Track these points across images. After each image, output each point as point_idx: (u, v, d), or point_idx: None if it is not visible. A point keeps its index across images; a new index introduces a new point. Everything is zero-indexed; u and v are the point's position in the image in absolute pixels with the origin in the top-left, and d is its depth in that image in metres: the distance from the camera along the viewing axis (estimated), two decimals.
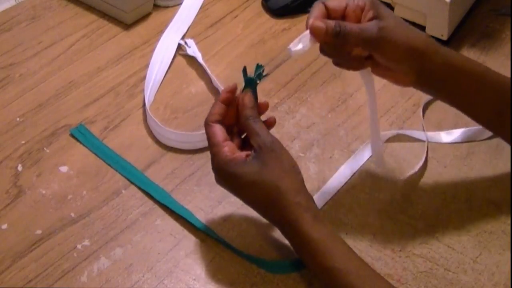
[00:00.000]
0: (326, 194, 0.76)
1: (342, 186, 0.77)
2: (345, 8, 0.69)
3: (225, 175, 0.66)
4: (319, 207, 0.74)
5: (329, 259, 0.62)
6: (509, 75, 0.90)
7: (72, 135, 0.82)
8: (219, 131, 0.67)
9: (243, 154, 0.65)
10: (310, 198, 0.65)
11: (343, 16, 0.69)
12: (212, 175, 0.76)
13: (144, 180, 0.77)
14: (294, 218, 0.63)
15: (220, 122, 0.68)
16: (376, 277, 0.63)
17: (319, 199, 0.75)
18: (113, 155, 0.80)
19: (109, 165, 0.79)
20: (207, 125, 0.67)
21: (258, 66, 0.69)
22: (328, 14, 0.68)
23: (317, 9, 0.68)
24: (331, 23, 0.66)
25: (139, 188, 0.77)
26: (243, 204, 0.72)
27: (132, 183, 0.77)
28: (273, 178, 0.64)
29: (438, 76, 0.69)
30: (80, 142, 0.81)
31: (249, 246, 0.71)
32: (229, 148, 0.66)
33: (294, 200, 0.63)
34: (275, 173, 0.64)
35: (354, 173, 0.78)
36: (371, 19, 0.67)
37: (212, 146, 0.66)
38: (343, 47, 0.70)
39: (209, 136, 0.67)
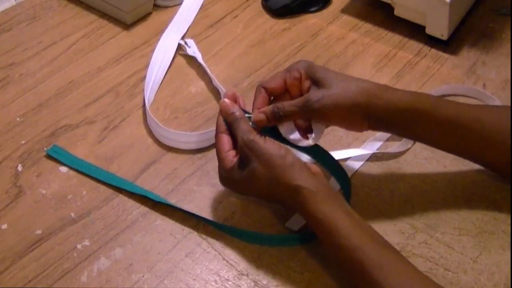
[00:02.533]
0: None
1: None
2: (284, 83, 0.73)
3: (227, 182, 0.71)
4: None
5: (335, 237, 0.63)
6: (509, 75, 0.90)
7: (49, 155, 0.80)
8: (224, 141, 0.70)
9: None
10: (308, 177, 0.66)
11: (285, 91, 0.73)
12: (212, 175, 0.77)
13: (133, 187, 0.77)
14: (300, 200, 0.65)
15: (227, 131, 0.71)
16: (385, 249, 0.64)
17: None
18: (94, 168, 0.79)
19: (93, 178, 0.78)
20: (215, 136, 0.71)
21: None
22: (271, 93, 0.73)
23: (258, 97, 0.73)
24: (269, 108, 0.71)
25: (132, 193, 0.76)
26: (243, 204, 0.73)
27: (122, 190, 0.77)
28: (265, 172, 0.66)
29: (385, 121, 0.70)
30: (59, 162, 0.80)
31: (248, 245, 0.71)
32: (231, 156, 0.69)
33: (294, 184, 0.65)
34: (264, 168, 0.66)
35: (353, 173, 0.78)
36: (308, 89, 0.71)
37: (218, 156, 0.71)
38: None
39: (216, 146, 0.71)
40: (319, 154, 0.75)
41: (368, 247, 0.62)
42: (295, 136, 0.73)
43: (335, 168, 0.76)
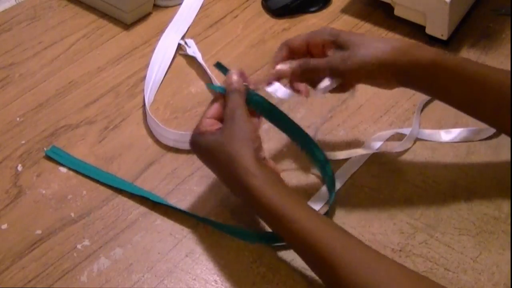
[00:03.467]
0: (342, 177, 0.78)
1: (337, 184, 0.77)
2: (307, 45, 0.74)
3: (194, 145, 0.71)
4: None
5: (282, 221, 0.63)
6: (509, 75, 0.90)
7: (48, 156, 0.80)
8: (212, 107, 0.71)
9: (216, 127, 0.69)
10: (260, 166, 0.66)
11: (307, 53, 0.74)
12: (212, 175, 0.76)
13: (132, 187, 0.77)
14: (246, 185, 0.65)
15: (222, 102, 0.71)
16: (336, 230, 0.64)
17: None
18: (93, 169, 0.79)
19: (92, 178, 0.78)
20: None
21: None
22: (293, 52, 0.74)
23: (279, 54, 0.74)
24: (297, 61, 0.72)
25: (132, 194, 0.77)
26: (242, 204, 0.73)
27: (121, 191, 0.77)
28: (227, 146, 0.66)
29: (412, 77, 0.71)
30: (58, 163, 0.80)
31: (248, 245, 0.71)
32: (208, 122, 0.69)
33: (245, 167, 0.65)
34: (229, 141, 0.66)
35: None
36: (333, 53, 0.72)
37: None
38: (313, 79, 0.74)
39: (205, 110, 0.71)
40: (297, 134, 0.76)
41: (319, 229, 0.62)
42: (283, 94, 0.73)
43: (312, 150, 0.77)
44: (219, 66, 0.75)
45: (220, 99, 0.71)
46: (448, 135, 0.82)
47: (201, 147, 0.70)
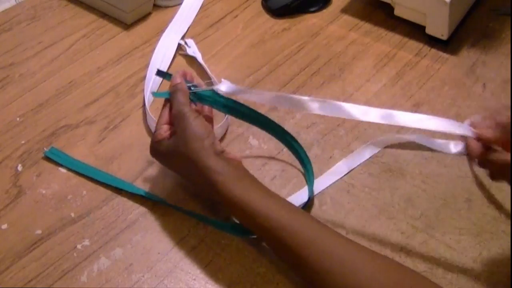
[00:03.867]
0: (319, 186, 0.77)
1: (337, 184, 0.77)
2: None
3: (154, 153, 0.72)
4: (306, 199, 0.75)
5: (251, 216, 0.64)
6: (509, 75, 0.90)
7: (47, 157, 0.80)
8: (163, 114, 0.72)
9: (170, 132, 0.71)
10: (220, 160, 0.67)
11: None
12: None
13: (132, 187, 0.77)
14: (210, 183, 0.66)
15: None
16: (306, 223, 0.64)
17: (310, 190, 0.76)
18: (92, 169, 0.79)
19: (91, 178, 0.78)
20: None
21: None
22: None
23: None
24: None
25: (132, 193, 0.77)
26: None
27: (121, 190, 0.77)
28: (183, 148, 0.68)
29: None
30: (58, 163, 0.80)
31: (248, 245, 0.71)
32: (164, 129, 0.71)
33: (205, 165, 0.66)
34: (184, 143, 0.68)
35: (351, 171, 0.78)
36: None
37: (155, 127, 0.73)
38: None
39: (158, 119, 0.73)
40: (267, 125, 0.77)
41: (287, 222, 0.63)
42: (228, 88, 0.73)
43: (289, 142, 0.78)
44: (161, 74, 0.76)
45: (168, 104, 0.72)
46: (457, 147, 0.81)
47: (161, 154, 0.71)
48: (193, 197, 0.76)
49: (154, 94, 0.80)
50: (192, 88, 0.73)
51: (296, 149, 0.78)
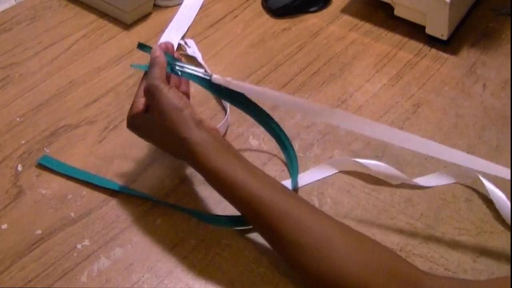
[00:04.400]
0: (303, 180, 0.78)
1: (337, 184, 0.77)
2: None
3: (131, 126, 0.73)
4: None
5: (229, 186, 0.65)
6: (509, 75, 0.90)
7: (41, 164, 0.80)
8: (141, 87, 0.72)
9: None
10: (199, 131, 0.67)
11: None
12: None
13: (128, 190, 0.77)
14: (190, 154, 0.66)
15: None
16: (283, 195, 0.65)
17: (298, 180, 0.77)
18: (88, 175, 0.78)
19: (88, 183, 0.77)
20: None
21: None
22: None
23: None
24: None
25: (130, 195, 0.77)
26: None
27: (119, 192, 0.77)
28: (161, 120, 0.67)
29: None
30: (53, 171, 0.79)
31: (248, 245, 0.71)
32: (140, 101, 0.71)
33: (185, 136, 0.66)
34: (161, 115, 0.67)
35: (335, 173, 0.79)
36: None
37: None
38: None
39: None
40: (254, 110, 0.77)
41: (264, 195, 0.63)
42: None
43: (267, 122, 0.78)
44: (142, 47, 0.76)
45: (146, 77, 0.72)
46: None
47: (138, 127, 0.72)
48: (193, 196, 0.76)
49: (133, 65, 0.78)
50: (178, 65, 0.74)
51: (282, 141, 0.78)
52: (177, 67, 0.74)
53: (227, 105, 0.85)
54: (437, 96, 0.88)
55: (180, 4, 1.03)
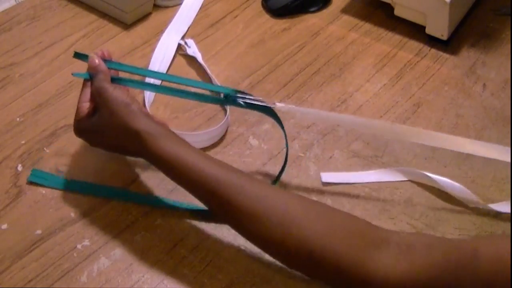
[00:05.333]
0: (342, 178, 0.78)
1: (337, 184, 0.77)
2: None
3: (78, 131, 0.74)
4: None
5: (183, 170, 0.66)
6: (509, 75, 0.90)
7: (32, 182, 0.78)
8: (84, 92, 0.74)
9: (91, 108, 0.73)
10: (149, 121, 0.69)
11: None
12: None
13: (123, 193, 0.77)
14: (142, 144, 0.68)
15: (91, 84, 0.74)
16: (236, 172, 0.67)
17: (339, 177, 0.78)
18: (80, 184, 0.78)
19: (82, 193, 0.77)
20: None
21: None
22: None
23: None
24: None
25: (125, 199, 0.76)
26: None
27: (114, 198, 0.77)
28: (111, 118, 0.69)
29: None
30: (43, 186, 0.78)
31: (248, 244, 0.71)
32: (84, 106, 0.73)
33: (136, 127, 0.68)
34: (111, 114, 0.69)
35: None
36: None
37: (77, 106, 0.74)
38: None
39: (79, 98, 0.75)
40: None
41: (219, 174, 0.65)
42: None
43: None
44: (78, 56, 0.77)
45: (87, 83, 0.74)
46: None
47: (86, 131, 0.73)
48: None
49: (74, 74, 0.77)
50: (239, 96, 0.75)
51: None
52: (239, 99, 0.75)
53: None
54: (437, 96, 0.88)
55: (180, 4, 1.03)
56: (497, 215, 0.74)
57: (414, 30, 0.97)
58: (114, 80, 0.74)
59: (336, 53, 0.95)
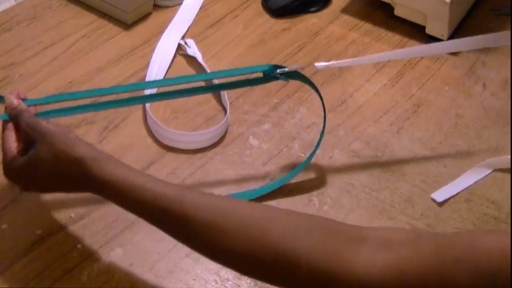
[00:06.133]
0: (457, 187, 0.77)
1: (337, 184, 0.77)
2: None
3: (11, 173, 0.70)
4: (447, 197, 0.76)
5: (132, 192, 0.62)
6: (509, 75, 0.90)
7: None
8: (7, 134, 0.70)
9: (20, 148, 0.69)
10: (89, 148, 0.66)
11: None
12: (212, 175, 0.76)
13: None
14: (86, 171, 0.64)
15: (12, 126, 0.71)
16: (184, 189, 0.64)
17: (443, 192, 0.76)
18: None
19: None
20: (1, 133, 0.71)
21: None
22: None
23: None
24: None
25: None
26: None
27: None
28: (49, 151, 0.66)
29: None
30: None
31: None
32: (12, 146, 0.69)
33: (78, 155, 0.64)
34: (48, 147, 0.66)
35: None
36: None
37: (2, 150, 0.70)
38: None
39: (1, 142, 0.71)
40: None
41: (173, 190, 0.61)
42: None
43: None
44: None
45: (8, 125, 0.70)
46: None
47: (20, 170, 0.68)
48: None
49: None
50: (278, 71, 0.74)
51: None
52: (277, 72, 0.74)
53: (227, 105, 0.85)
54: (437, 96, 0.88)
55: (180, 4, 1.03)
56: (498, 217, 0.74)
57: (414, 30, 0.97)
58: (38, 116, 0.71)
59: (336, 53, 0.95)
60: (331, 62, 0.74)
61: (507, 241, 0.49)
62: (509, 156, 0.77)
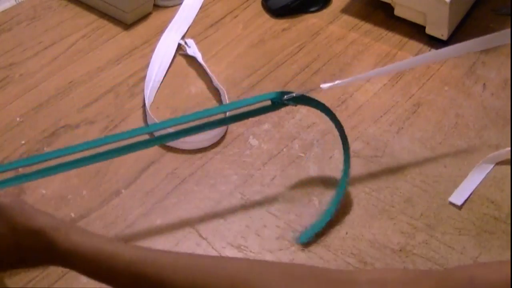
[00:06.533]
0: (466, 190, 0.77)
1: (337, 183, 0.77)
2: None
3: None
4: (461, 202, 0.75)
5: (104, 259, 0.58)
6: (509, 75, 0.90)
7: None
8: None
9: None
10: (48, 217, 0.61)
11: None
12: (212, 175, 0.76)
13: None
14: (50, 242, 0.60)
15: None
16: (158, 252, 0.60)
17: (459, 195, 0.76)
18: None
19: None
20: None
21: None
22: None
23: None
24: None
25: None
26: (241, 204, 0.73)
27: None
28: (5, 227, 0.61)
29: None
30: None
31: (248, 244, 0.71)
32: None
33: (39, 226, 0.60)
34: (3, 224, 0.61)
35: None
36: None
37: None
38: None
39: None
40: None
41: (145, 254, 0.58)
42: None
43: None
44: None
45: None
46: None
47: None
48: (193, 195, 0.76)
49: None
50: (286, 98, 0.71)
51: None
52: (285, 98, 0.71)
53: None
54: (437, 96, 0.88)
55: (180, 4, 1.03)
56: (498, 217, 0.74)
57: (414, 30, 0.97)
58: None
59: (336, 53, 0.95)
60: (336, 82, 0.72)
61: (507, 271, 0.49)
62: (509, 148, 0.77)
